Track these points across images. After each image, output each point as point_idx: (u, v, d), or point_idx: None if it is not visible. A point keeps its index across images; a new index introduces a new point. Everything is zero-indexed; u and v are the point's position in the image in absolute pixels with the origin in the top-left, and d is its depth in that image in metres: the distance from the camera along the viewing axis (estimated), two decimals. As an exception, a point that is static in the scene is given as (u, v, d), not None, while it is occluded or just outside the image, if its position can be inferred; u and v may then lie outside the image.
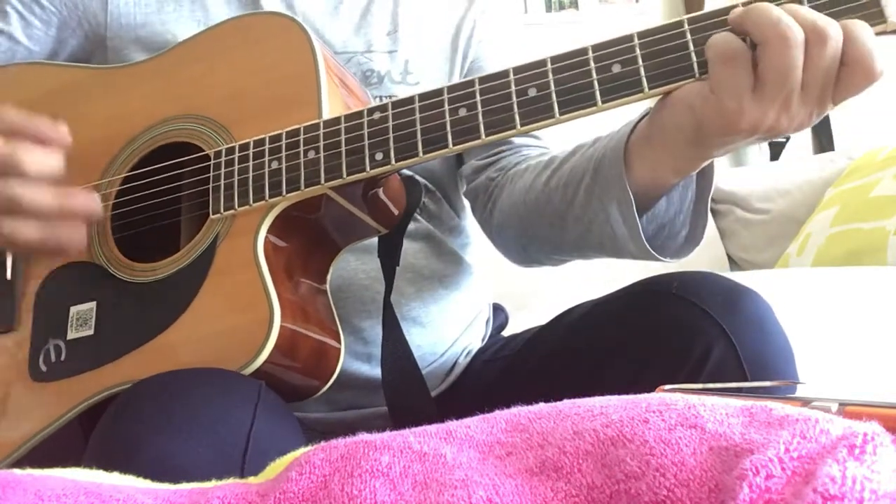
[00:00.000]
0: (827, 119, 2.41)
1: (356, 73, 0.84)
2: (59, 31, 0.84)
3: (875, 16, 0.54)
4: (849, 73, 0.54)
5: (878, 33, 0.55)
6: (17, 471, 0.37)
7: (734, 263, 2.06)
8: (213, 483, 0.39)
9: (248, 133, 0.69)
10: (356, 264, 0.80)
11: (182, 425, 0.54)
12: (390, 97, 0.82)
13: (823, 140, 2.45)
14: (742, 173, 2.18)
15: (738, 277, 0.72)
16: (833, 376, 1.07)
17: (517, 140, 0.89)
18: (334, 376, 0.70)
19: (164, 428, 0.53)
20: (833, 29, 0.53)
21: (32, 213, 0.63)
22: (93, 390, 0.65)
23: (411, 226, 0.83)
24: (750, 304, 0.66)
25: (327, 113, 0.67)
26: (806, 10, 0.54)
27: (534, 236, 0.80)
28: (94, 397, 0.65)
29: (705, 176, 0.68)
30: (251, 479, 0.39)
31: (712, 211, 2.10)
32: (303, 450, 0.38)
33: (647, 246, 0.65)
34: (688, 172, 0.64)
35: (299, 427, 0.65)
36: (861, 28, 0.53)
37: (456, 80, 0.81)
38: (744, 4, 0.56)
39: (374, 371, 0.79)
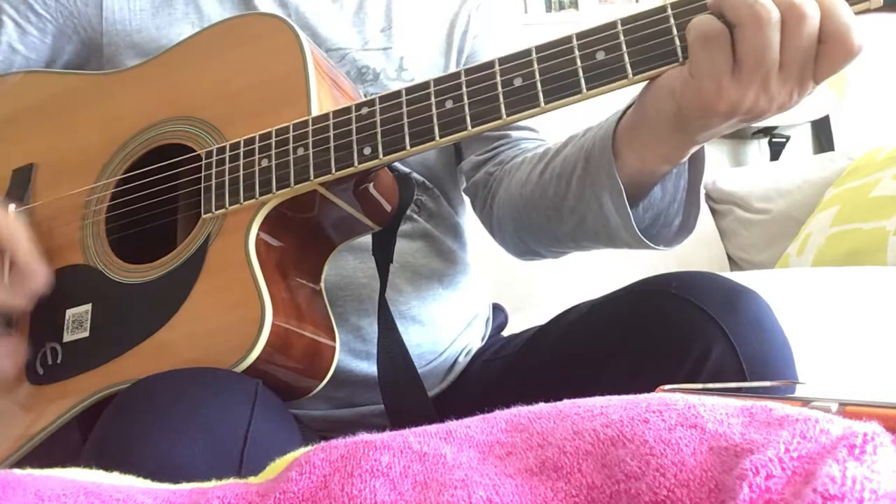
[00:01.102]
0: (827, 119, 2.41)
1: (351, 69, 0.84)
2: (54, 39, 0.85)
3: None
4: (827, 50, 0.54)
5: (861, 11, 0.54)
6: (17, 471, 0.37)
7: (734, 263, 2.05)
8: (212, 483, 0.39)
9: (239, 133, 0.69)
10: (354, 263, 0.80)
11: (179, 425, 0.54)
12: None
13: (823, 140, 2.45)
14: (742, 173, 2.18)
15: (738, 277, 0.72)
16: (833, 376, 1.07)
17: (514, 133, 0.89)
18: (329, 375, 0.70)
19: (161, 427, 0.53)
20: (809, 7, 0.53)
21: None
22: (89, 391, 0.65)
23: (409, 225, 0.83)
24: (749, 304, 0.66)
25: (317, 111, 0.67)
26: None
27: (531, 229, 0.80)
28: (91, 398, 0.65)
29: (697, 165, 0.68)
30: (251, 479, 0.39)
31: (712, 211, 2.10)
32: (303, 450, 0.38)
33: (639, 234, 0.66)
34: (676, 160, 0.64)
35: (296, 426, 0.65)
36: (838, 3, 0.53)
37: None
38: None
39: (372, 368, 0.79)
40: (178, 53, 0.76)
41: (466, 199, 0.94)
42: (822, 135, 2.45)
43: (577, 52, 0.59)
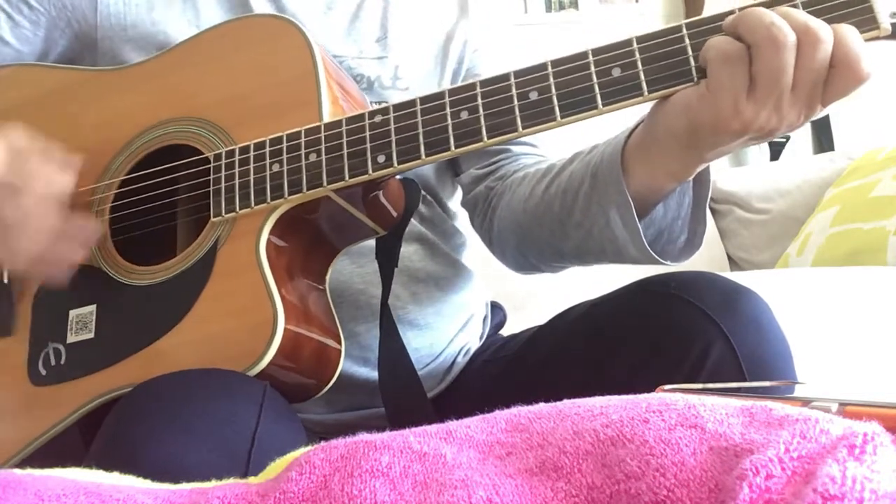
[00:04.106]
0: (827, 119, 2.41)
1: None
2: (47, 32, 0.83)
3: (868, 21, 0.55)
4: (837, 75, 0.55)
5: (871, 39, 0.55)
6: (17, 471, 0.37)
7: (734, 263, 2.06)
8: (212, 483, 0.39)
9: (247, 135, 0.68)
10: (351, 268, 0.80)
11: (187, 426, 0.54)
12: (380, 103, 0.82)
13: (823, 140, 2.45)
14: (742, 173, 2.19)
15: (738, 277, 0.72)
16: (833, 376, 1.07)
17: (515, 149, 0.89)
18: (335, 377, 0.70)
19: (169, 429, 0.53)
20: (824, 32, 0.54)
21: (41, 229, 0.65)
22: (93, 394, 0.65)
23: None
24: (748, 304, 0.66)
25: (327, 115, 0.67)
26: (799, 13, 0.55)
27: (534, 244, 0.80)
28: (95, 401, 0.65)
29: (702, 183, 0.68)
30: (251, 479, 0.39)
31: (712, 211, 2.10)
32: (303, 450, 0.38)
33: (648, 248, 0.66)
34: (683, 177, 0.65)
35: (303, 428, 0.65)
36: (850, 31, 0.54)
37: (446, 85, 0.81)
38: (740, 9, 0.57)
39: (372, 373, 0.79)
40: (183, 52, 0.76)
41: (463, 209, 0.94)
42: (822, 135, 2.45)
43: (593, 68, 0.59)
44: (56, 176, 0.66)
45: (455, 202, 0.95)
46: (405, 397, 0.75)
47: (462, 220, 0.96)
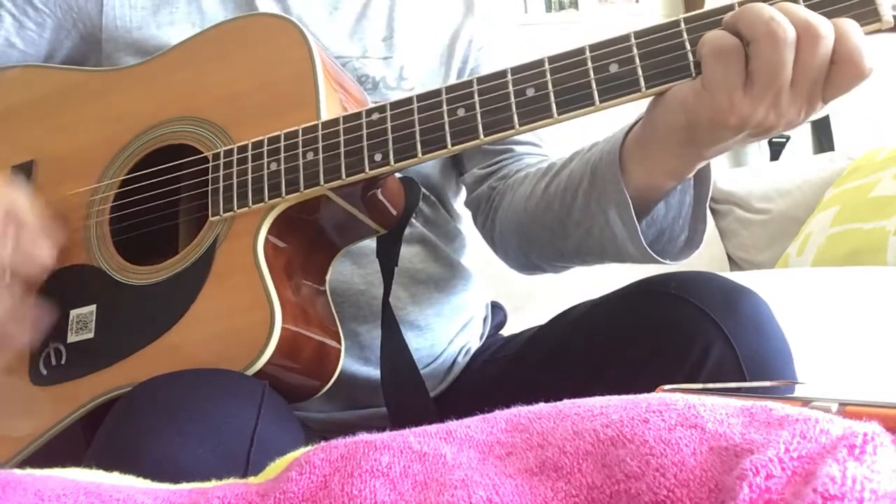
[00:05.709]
0: (827, 119, 2.41)
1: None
2: (53, 34, 0.84)
3: (869, 14, 0.54)
4: (838, 71, 0.54)
5: (872, 32, 0.55)
6: (17, 471, 0.37)
7: (734, 263, 2.06)
8: (212, 483, 0.39)
9: (246, 135, 0.68)
10: (352, 269, 0.80)
11: (186, 426, 0.54)
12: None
13: (823, 140, 2.45)
14: (742, 173, 2.19)
15: (738, 277, 0.72)
16: (833, 376, 1.07)
17: (518, 148, 0.89)
18: (335, 376, 0.70)
19: (167, 429, 0.53)
20: (825, 28, 0.53)
21: None
22: (94, 393, 0.65)
23: (407, 230, 0.83)
24: (748, 304, 0.66)
25: (325, 114, 0.67)
26: (799, 9, 0.54)
27: (535, 243, 0.80)
28: (96, 400, 0.65)
29: (702, 181, 0.68)
30: (251, 479, 0.39)
31: (712, 211, 2.10)
32: (303, 450, 0.38)
33: (647, 247, 0.66)
34: (683, 175, 0.64)
35: (302, 428, 0.65)
36: (851, 25, 0.53)
37: None
38: (739, 4, 0.56)
39: (373, 372, 0.79)
40: (182, 52, 0.76)
41: (466, 210, 0.94)
42: (822, 135, 2.45)
43: (590, 64, 0.59)
44: (35, 251, 0.66)
45: (459, 203, 0.95)
46: (407, 393, 0.75)
47: (463, 221, 0.96)
